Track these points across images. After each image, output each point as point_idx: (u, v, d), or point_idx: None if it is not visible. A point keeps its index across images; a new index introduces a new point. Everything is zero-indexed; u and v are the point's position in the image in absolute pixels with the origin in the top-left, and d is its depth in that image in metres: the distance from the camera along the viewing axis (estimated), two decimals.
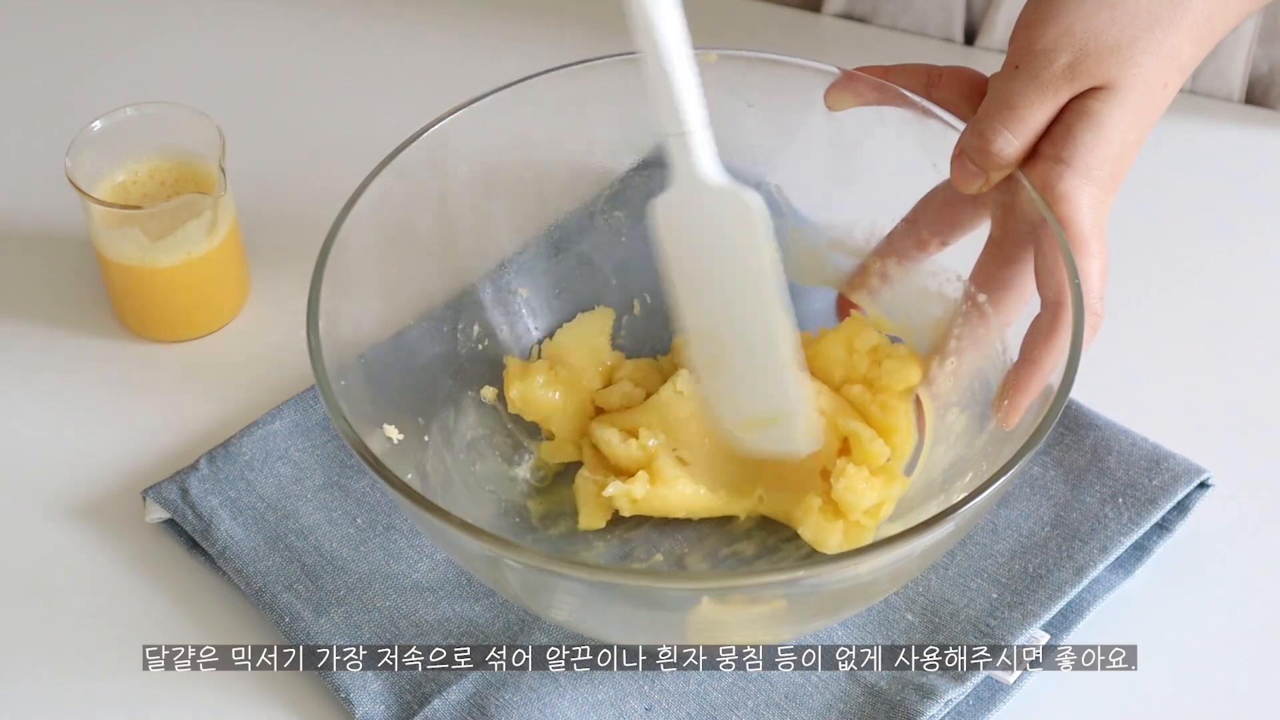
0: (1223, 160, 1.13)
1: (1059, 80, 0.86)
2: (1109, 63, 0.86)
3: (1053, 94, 0.86)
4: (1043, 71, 0.86)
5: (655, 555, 0.93)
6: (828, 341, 0.96)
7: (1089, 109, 0.86)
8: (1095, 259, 0.86)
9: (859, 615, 0.90)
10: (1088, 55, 0.86)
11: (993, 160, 0.87)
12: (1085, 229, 0.86)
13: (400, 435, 0.90)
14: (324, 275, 0.87)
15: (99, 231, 1.02)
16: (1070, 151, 0.86)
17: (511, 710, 0.87)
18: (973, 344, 0.93)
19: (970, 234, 0.94)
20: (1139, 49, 0.86)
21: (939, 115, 0.91)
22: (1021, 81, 0.87)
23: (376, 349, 0.92)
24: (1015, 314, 0.91)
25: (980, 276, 0.92)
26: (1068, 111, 0.87)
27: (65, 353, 1.04)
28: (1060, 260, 0.85)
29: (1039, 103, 0.87)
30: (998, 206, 0.90)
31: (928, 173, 0.92)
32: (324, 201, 0.97)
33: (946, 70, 0.93)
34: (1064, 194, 0.86)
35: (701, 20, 1.21)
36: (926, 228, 0.94)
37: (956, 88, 0.92)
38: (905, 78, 0.93)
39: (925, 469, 0.93)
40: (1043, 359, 0.86)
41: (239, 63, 1.21)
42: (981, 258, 0.92)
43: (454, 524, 0.79)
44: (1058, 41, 0.86)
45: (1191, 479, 0.93)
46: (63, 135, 1.05)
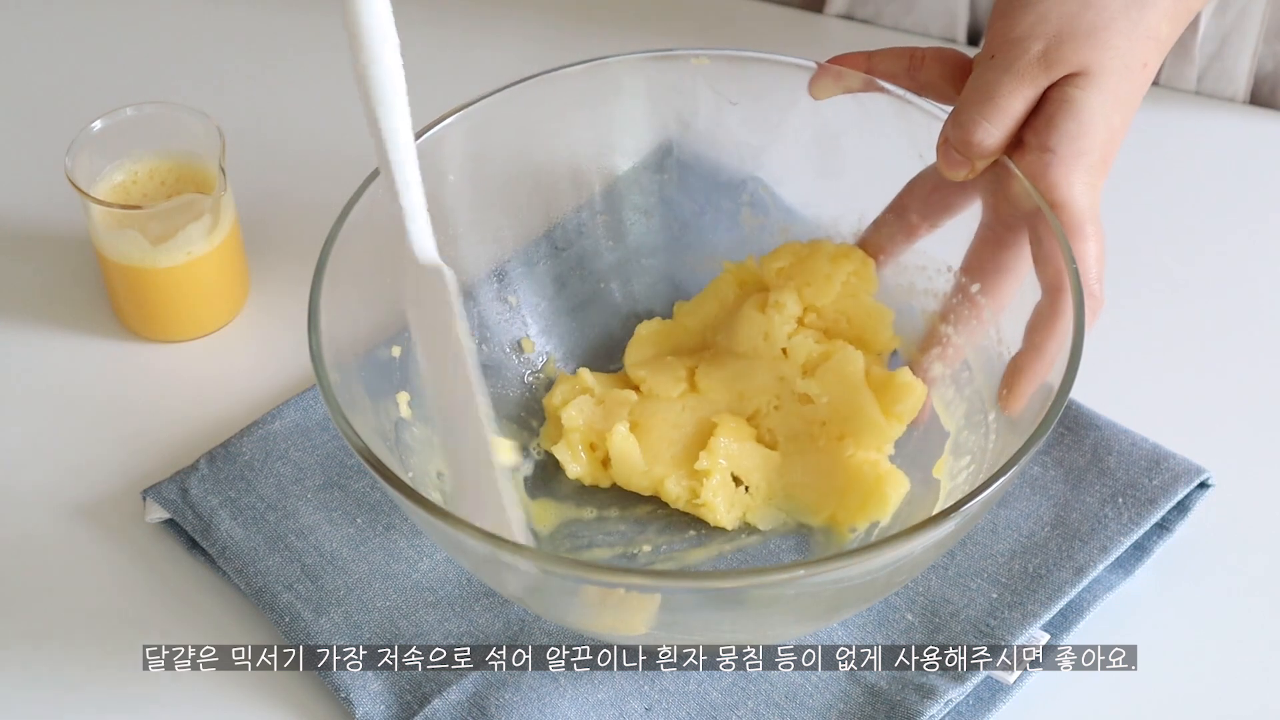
0: (1228, 160, 1.12)
1: (1035, 68, 0.86)
2: (1084, 48, 0.86)
3: (1030, 82, 0.87)
4: (1018, 60, 0.87)
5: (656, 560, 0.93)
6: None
7: (1069, 96, 0.86)
8: (1091, 242, 0.86)
9: (859, 615, 0.90)
10: (1062, 42, 0.86)
11: (974, 150, 0.88)
12: (1079, 213, 0.86)
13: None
14: (324, 275, 0.87)
15: (99, 231, 1.02)
16: (1055, 140, 0.86)
17: (511, 710, 0.87)
18: (966, 334, 0.93)
19: (959, 221, 0.94)
20: (1114, 32, 0.86)
21: (922, 105, 0.92)
22: (998, 71, 0.87)
23: (377, 349, 0.92)
24: (1008, 300, 0.91)
25: (972, 264, 0.92)
26: (1048, 100, 0.87)
27: (65, 353, 1.04)
28: (1057, 247, 0.85)
29: (1016, 91, 0.87)
30: (987, 191, 0.91)
31: (913, 163, 0.93)
32: (324, 201, 0.97)
33: (929, 51, 0.93)
34: (1055, 182, 0.86)
35: (701, 20, 1.21)
36: (915, 211, 0.95)
37: (939, 69, 0.92)
38: (888, 61, 0.93)
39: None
40: (1045, 345, 0.86)
41: (239, 63, 1.21)
42: (973, 244, 0.92)
43: (454, 523, 0.79)
44: (1032, 29, 0.87)
45: (1191, 479, 0.93)
46: (63, 135, 1.05)
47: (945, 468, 0.92)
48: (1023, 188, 0.87)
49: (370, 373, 0.90)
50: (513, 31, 1.21)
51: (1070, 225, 0.86)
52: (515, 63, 0.99)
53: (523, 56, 1.16)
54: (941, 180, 0.92)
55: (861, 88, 0.94)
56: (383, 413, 0.90)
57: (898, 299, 0.96)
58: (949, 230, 0.94)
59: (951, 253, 0.94)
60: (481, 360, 0.97)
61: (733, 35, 1.19)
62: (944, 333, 0.94)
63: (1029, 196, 0.87)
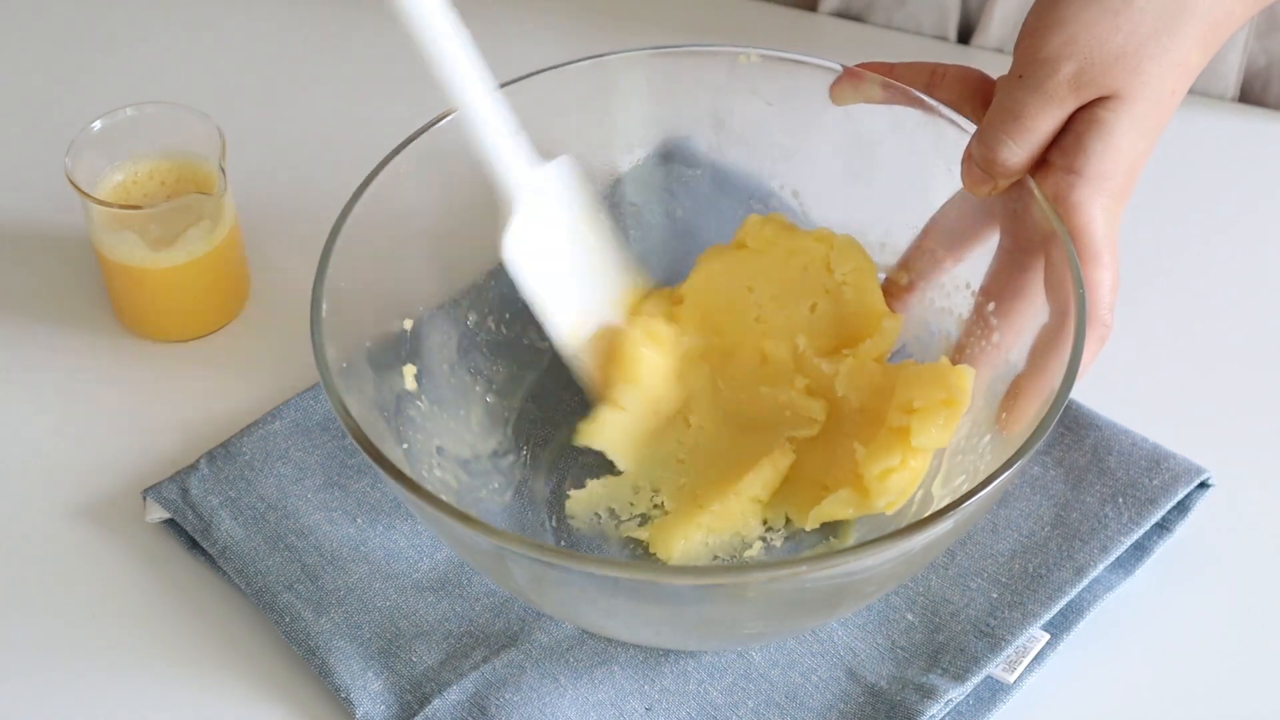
0: (1219, 158, 1.12)
1: (1064, 90, 0.86)
2: (1115, 71, 0.86)
3: (1058, 103, 0.86)
4: (1046, 81, 0.86)
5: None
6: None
7: (1099, 119, 0.86)
8: (1106, 270, 0.86)
9: (859, 615, 0.90)
10: (1093, 64, 0.85)
11: (998, 169, 0.87)
12: (1097, 240, 0.86)
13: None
14: (327, 271, 0.87)
15: (99, 232, 1.02)
16: (1082, 162, 0.86)
17: (511, 710, 0.87)
18: (980, 356, 0.92)
19: (983, 246, 0.93)
20: (1145, 56, 0.86)
21: (952, 118, 0.91)
22: (1026, 90, 0.87)
23: (384, 333, 0.92)
24: (1024, 324, 0.90)
25: (991, 286, 0.92)
26: (1077, 121, 0.87)
27: (65, 353, 1.04)
28: (1069, 271, 0.85)
29: (1044, 112, 0.86)
30: (1009, 215, 0.90)
31: (942, 176, 0.92)
32: (324, 201, 0.97)
33: (950, 69, 0.93)
34: (1076, 204, 0.86)
35: (697, 18, 1.22)
36: (940, 245, 0.94)
37: (958, 88, 0.92)
38: (909, 75, 0.93)
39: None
40: (1049, 367, 0.85)
41: (239, 63, 1.21)
42: (992, 266, 0.92)
43: (458, 519, 0.79)
44: (1061, 50, 0.86)
45: (1191, 479, 0.93)
46: (63, 135, 1.05)
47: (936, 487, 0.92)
48: (1042, 210, 0.87)
49: (376, 345, 0.90)
50: (514, 29, 1.21)
51: (1087, 252, 0.85)
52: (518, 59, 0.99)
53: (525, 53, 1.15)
54: (964, 209, 0.92)
55: (880, 98, 0.94)
56: (385, 384, 0.90)
57: (914, 317, 0.96)
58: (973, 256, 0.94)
59: (970, 269, 0.94)
60: (497, 339, 0.98)
61: (727, 32, 1.19)
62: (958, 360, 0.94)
63: (1047, 219, 0.86)
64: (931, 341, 0.96)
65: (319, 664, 0.89)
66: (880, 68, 0.94)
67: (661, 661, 0.89)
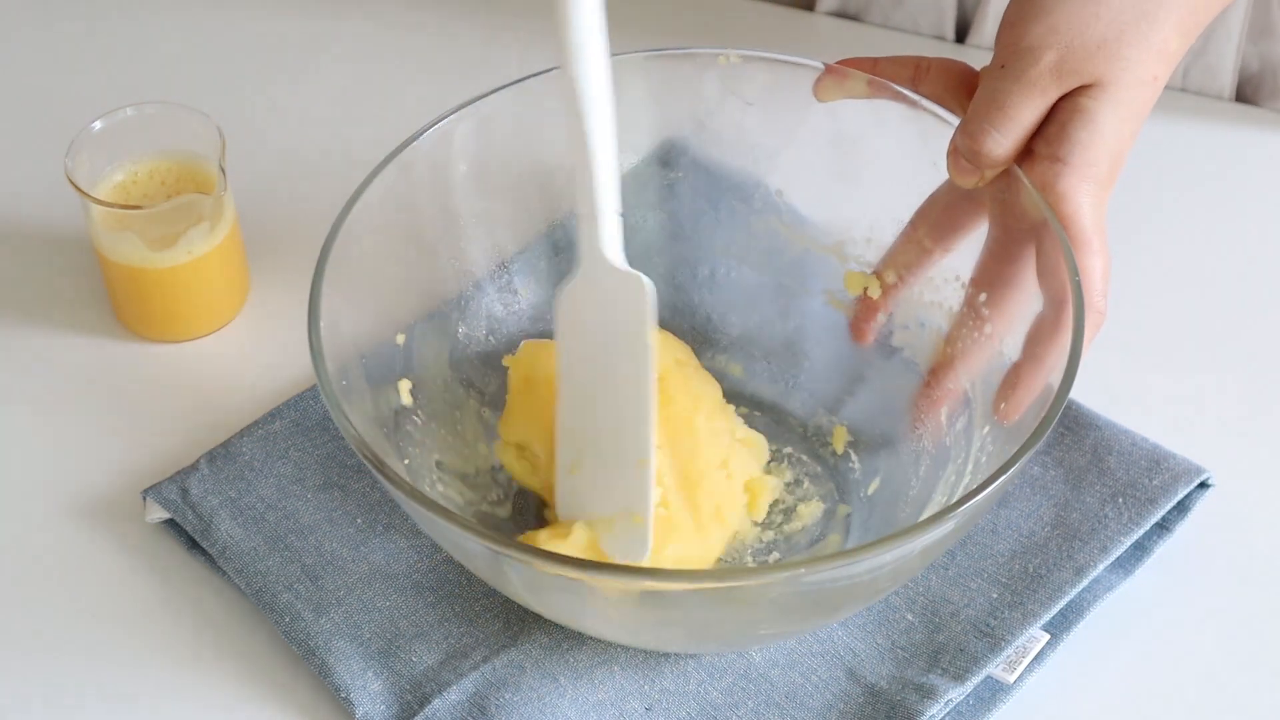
0: (1214, 159, 1.12)
1: (1046, 78, 0.86)
2: (1096, 59, 0.86)
3: (1040, 92, 0.86)
4: (1029, 70, 0.86)
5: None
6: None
7: (1082, 106, 0.86)
8: (1097, 256, 0.86)
9: (859, 615, 0.90)
10: (1074, 52, 0.86)
11: (983, 159, 0.88)
12: (1087, 227, 0.86)
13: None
14: (325, 274, 0.87)
15: (99, 232, 1.02)
16: (1067, 150, 0.86)
17: (511, 710, 0.87)
18: (973, 348, 0.93)
19: (971, 237, 0.94)
20: (1125, 44, 0.86)
21: (936, 112, 0.91)
22: (1008, 80, 0.87)
23: (378, 348, 0.92)
24: (1016, 314, 0.91)
25: (981, 276, 0.92)
26: (1060, 109, 0.87)
27: (65, 353, 1.04)
28: (1062, 259, 0.85)
29: (1027, 101, 0.87)
30: (996, 204, 0.90)
31: (927, 170, 0.93)
32: (324, 201, 0.97)
33: (934, 62, 0.93)
34: (1064, 193, 0.86)
35: (694, 18, 1.22)
36: (928, 235, 0.94)
37: (943, 81, 0.92)
38: (893, 70, 0.93)
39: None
40: (1045, 356, 0.86)
41: (239, 63, 1.21)
42: (982, 257, 0.92)
43: (456, 523, 0.79)
44: (1043, 39, 0.86)
45: (1191, 479, 0.93)
46: (63, 135, 1.05)
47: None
48: (1031, 199, 0.87)
49: (371, 360, 0.90)
50: (515, 31, 1.21)
51: (1077, 239, 0.86)
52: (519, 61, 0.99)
53: (526, 55, 1.16)
54: (951, 199, 0.92)
55: (865, 93, 0.94)
56: (382, 401, 0.90)
57: (905, 310, 0.96)
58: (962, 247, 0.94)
59: (959, 262, 0.94)
60: (487, 350, 0.98)
61: (724, 32, 1.19)
62: (950, 353, 0.94)
63: (1037, 208, 0.86)
64: (922, 335, 0.96)
65: (319, 664, 0.89)
66: (864, 63, 0.94)
67: (661, 661, 0.89)
